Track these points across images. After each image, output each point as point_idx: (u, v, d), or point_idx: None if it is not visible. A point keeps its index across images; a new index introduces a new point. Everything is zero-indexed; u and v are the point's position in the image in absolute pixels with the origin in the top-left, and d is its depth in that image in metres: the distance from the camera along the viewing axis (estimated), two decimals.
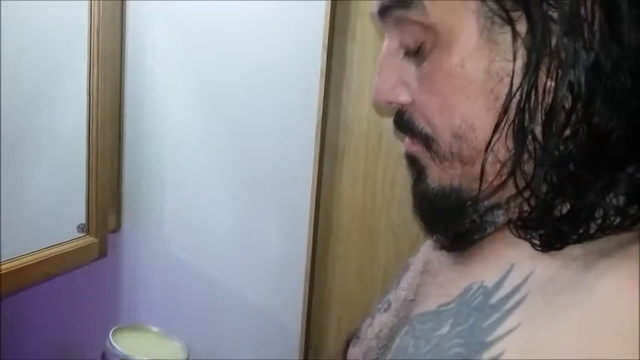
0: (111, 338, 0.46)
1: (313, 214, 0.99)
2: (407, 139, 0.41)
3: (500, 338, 0.32)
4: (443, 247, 0.42)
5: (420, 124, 0.38)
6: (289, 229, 1.02)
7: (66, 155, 0.98)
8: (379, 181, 1.00)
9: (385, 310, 0.50)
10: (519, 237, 0.35)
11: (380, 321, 0.50)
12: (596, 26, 0.31)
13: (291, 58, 0.97)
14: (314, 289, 1.03)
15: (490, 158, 0.35)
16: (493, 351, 0.32)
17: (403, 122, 0.40)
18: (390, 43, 0.39)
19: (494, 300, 0.34)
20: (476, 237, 0.38)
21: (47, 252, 0.92)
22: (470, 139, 0.35)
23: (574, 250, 0.33)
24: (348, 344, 0.54)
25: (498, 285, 0.35)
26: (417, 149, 0.40)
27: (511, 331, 0.32)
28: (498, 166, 0.35)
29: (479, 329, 0.34)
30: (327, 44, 0.93)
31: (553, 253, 0.34)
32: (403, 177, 0.96)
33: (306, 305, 1.02)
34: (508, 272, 0.35)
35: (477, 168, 0.36)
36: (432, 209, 0.40)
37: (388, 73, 0.39)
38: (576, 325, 0.29)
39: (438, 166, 0.38)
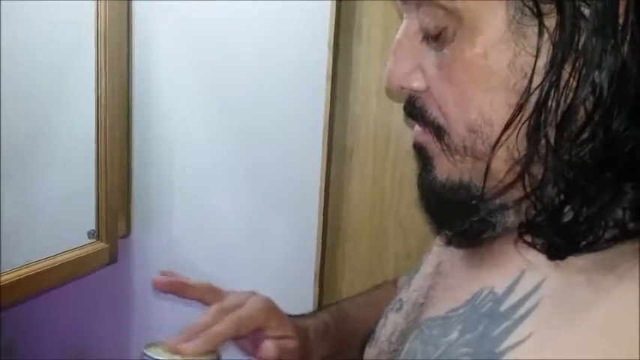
0: (145, 351, 0.46)
1: (322, 215, 0.98)
2: (417, 127, 0.39)
3: (510, 349, 0.31)
4: (449, 243, 0.41)
5: (433, 113, 0.37)
6: (298, 230, 1.01)
7: (75, 161, 0.98)
8: (388, 181, 0.99)
9: (398, 310, 0.49)
10: (524, 242, 0.34)
11: (392, 321, 0.49)
12: (628, 28, 0.29)
13: (297, 58, 0.96)
14: (323, 289, 1.03)
15: (498, 156, 0.34)
16: None
17: (415, 110, 0.38)
18: (408, 24, 0.37)
19: (504, 307, 0.33)
20: (484, 236, 0.37)
21: (58, 258, 0.92)
22: (485, 134, 0.34)
23: (580, 261, 0.32)
24: (364, 343, 0.54)
25: (509, 291, 0.34)
26: (427, 139, 0.38)
27: (522, 341, 0.31)
28: (507, 165, 0.34)
29: (488, 338, 0.33)
30: (332, 44, 0.93)
31: (562, 262, 0.32)
32: (412, 176, 0.95)
33: (316, 306, 1.01)
34: (519, 278, 0.34)
35: (491, 165, 0.34)
36: (439, 203, 0.38)
37: (404, 57, 0.37)
38: (586, 342, 0.28)
39: (448, 159, 0.37)
